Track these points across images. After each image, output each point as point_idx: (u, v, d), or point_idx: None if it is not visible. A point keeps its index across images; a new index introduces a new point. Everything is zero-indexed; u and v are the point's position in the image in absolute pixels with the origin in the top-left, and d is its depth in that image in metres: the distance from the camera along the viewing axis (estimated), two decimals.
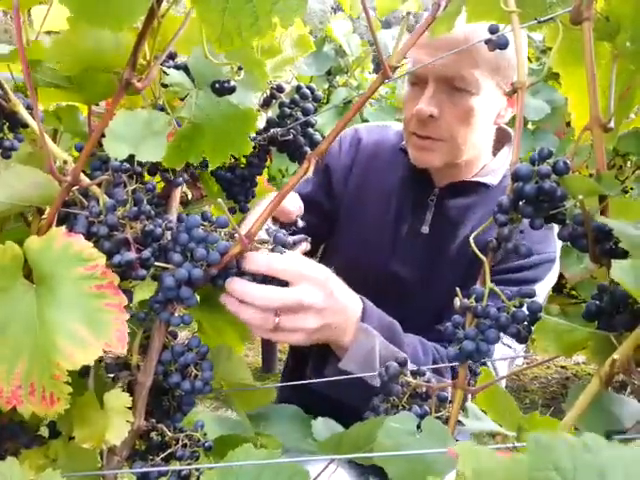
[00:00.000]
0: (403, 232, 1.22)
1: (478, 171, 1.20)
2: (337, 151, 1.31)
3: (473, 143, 1.12)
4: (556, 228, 0.56)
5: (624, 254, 0.48)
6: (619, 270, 0.43)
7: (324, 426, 0.70)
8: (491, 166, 1.20)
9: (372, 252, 1.22)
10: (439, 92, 1.05)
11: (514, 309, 0.53)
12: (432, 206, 1.20)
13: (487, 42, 0.61)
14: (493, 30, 0.60)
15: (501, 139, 1.24)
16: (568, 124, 2.45)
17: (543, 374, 3.46)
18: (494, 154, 1.24)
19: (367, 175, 1.28)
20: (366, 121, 2.73)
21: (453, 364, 0.76)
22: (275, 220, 0.89)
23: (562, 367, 3.51)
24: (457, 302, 0.56)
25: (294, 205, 0.93)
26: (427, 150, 1.12)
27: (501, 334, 0.54)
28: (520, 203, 0.55)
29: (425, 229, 1.20)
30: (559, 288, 2.92)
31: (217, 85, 0.62)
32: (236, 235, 0.64)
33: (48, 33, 0.77)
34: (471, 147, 1.13)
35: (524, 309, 0.54)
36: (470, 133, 1.10)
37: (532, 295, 0.54)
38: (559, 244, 1.23)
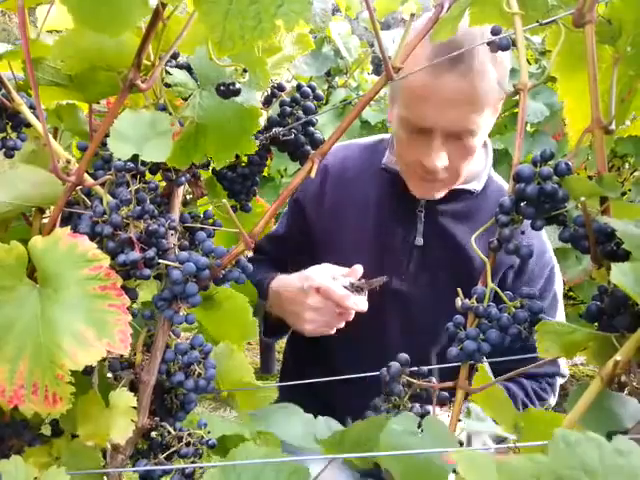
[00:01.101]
0: (396, 247, 1.20)
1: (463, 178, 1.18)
2: (304, 184, 1.29)
3: (470, 167, 1.12)
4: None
5: (626, 255, 0.48)
6: (619, 273, 0.43)
7: (325, 425, 0.70)
8: (473, 170, 1.18)
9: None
10: (446, 143, 1.03)
11: (515, 310, 0.54)
12: (422, 217, 1.18)
13: (489, 44, 0.62)
14: (495, 31, 0.60)
15: None
16: None
17: None
18: None
19: (341, 196, 1.25)
20: (366, 122, 2.73)
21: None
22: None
23: None
24: (458, 302, 0.56)
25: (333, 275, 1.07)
26: (433, 188, 1.12)
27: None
28: (522, 204, 0.56)
29: (419, 240, 1.18)
30: None
31: (222, 88, 0.62)
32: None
33: (50, 32, 0.77)
34: (468, 170, 1.13)
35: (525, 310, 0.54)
36: (470, 162, 1.09)
37: (534, 295, 0.55)
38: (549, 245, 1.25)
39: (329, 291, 1.00)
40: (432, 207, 1.18)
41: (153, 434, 0.68)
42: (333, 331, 1.07)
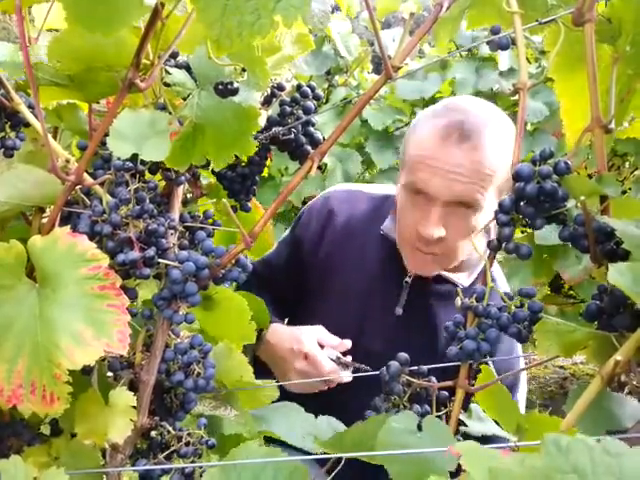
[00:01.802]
0: (375, 310, 1.20)
1: (454, 265, 1.16)
2: (307, 221, 1.28)
3: (467, 248, 1.11)
4: None
5: (625, 255, 0.48)
6: (617, 273, 0.43)
7: (326, 425, 0.70)
8: (466, 258, 1.16)
9: (340, 325, 1.18)
10: (446, 213, 1.03)
11: (515, 309, 0.54)
12: (407, 288, 1.18)
13: (489, 43, 0.62)
14: (495, 31, 0.60)
15: None
16: None
17: (541, 374, 3.46)
18: None
19: (340, 247, 1.24)
20: (365, 122, 2.73)
21: None
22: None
23: (560, 367, 3.51)
24: (458, 302, 0.56)
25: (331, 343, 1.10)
26: (425, 262, 1.12)
27: None
28: (521, 203, 0.55)
29: (399, 310, 1.18)
30: (557, 288, 2.92)
31: (220, 87, 0.62)
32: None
33: (50, 31, 0.77)
34: (466, 252, 1.12)
35: (525, 309, 0.54)
36: (468, 242, 1.09)
37: (533, 294, 0.55)
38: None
39: (316, 362, 1.05)
40: (418, 283, 1.18)
41: (153, 433, 0.68)
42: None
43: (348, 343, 1.09)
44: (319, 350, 1.06)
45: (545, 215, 0.55)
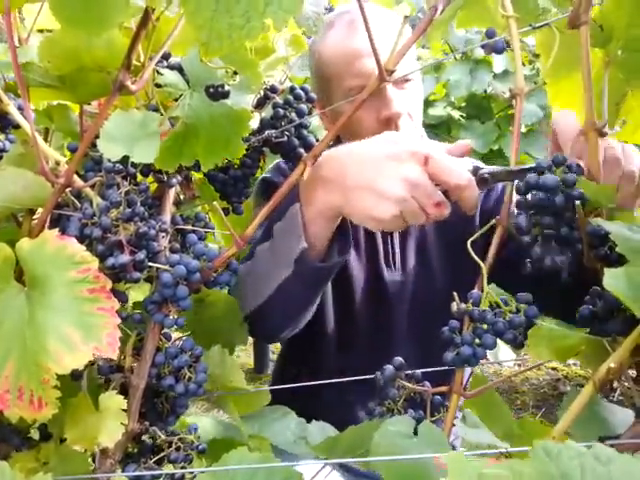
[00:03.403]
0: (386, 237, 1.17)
1: None
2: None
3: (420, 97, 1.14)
4: None
5: (618, 259, 0.48)
6: (612, 279, 0.43)
7: (318, 429, 0.70)
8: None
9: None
10: (394, 90, 1.04)
11: (511, 315, 0.53)
12: None
13: (484, 47, 0.62)
14: (490, 34, 0.60)
15: None
16: None
17: (534, 376, 3.47)
18: None
19: None
20: None
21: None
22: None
23: (553, 369, 3.52)
24: (454, 306, 0.56)
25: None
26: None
27: None
28: (538, 216, 0.53)
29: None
30: None
31: (211, 90, 0.62)
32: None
33: (41, 31, 0.77)
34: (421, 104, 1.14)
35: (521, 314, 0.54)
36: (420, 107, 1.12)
37: (530, 301, 0.55)
38: None
39: (445, 167, 0.67)
40: None
41: (144, 437, 0.67)
42: (406, 224, 0.71)
43: (468, 142, 0.76)
44: (446, 155, 0.70)
45: (564, 225, 0.52)
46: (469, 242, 0.57)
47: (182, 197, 0.81)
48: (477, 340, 0.53)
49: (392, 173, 0.68)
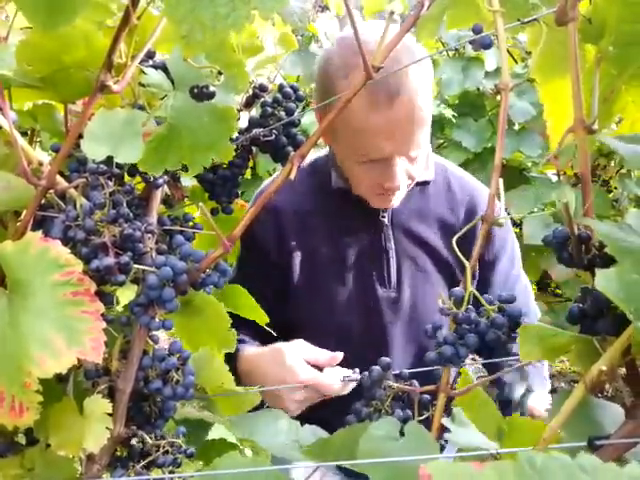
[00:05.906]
0: (367, 254, 1.19)
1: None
2: (260, 231, 1.17)
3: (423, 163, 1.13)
4: None
5: (609, 259, 0.47)
6: (604, 279, 0.42)
7: (309, 432, 0.69)
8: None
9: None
10: (403, 162, 1.04)
11: (494, 314, 0.53)
12: (386, 221, 1.17)
13: (472, 42, 0.61)
14: (477, 30, 0.59)
15: None
16: None
17: None
18: None
19: (303, 230, 1.20)
20: None
21: None
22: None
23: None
24: (439, 304, 0.56)
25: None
26: (397, 198, 1.12)
27: None
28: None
29: (390, 245, 1.18)
30: (544, 286, 2.93)
31: (195, 90, 0.61)
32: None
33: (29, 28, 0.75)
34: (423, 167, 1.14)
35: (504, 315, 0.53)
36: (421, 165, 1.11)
37: (512, 300, 0.54)
38: None
39: (322, 387, 0.95)
40: (394, 211, 1.18)
41: (133, 441, 0.66)
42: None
43: (340, 356, 1.00)
44: (317, 373, 0.96)
45: None
46: (454, 239, 0.56)
47: (170, 197, 0.80)
48: (459, 340, 0.53)
49: (284, 399, 0.97)
